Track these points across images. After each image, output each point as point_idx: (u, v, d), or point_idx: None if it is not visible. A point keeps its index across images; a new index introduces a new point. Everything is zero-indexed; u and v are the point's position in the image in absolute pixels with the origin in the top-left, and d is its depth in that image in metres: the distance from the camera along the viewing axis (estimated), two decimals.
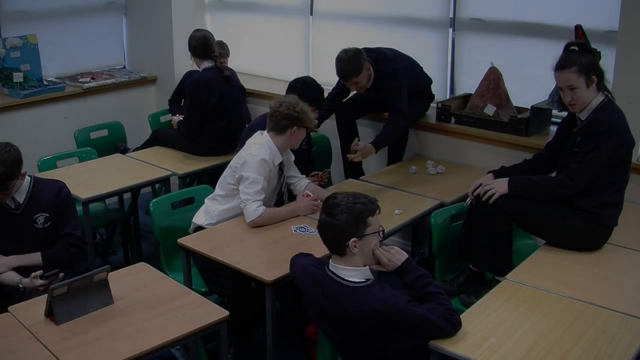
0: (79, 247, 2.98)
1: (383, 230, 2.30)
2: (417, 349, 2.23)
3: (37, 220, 2.88)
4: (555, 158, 2.95)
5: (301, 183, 3.37)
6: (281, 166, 3.24)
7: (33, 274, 2.70)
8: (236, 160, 3.16)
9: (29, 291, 2.69)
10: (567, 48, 2.79)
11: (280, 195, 3.33)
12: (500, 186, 2.84)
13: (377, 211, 2.26)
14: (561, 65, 2.72)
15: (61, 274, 2.70)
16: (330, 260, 2.30)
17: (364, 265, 2.26)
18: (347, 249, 2.21)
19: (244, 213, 3.07)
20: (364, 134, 4.24)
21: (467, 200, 2.94)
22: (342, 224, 2.18)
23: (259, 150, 3.12)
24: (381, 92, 3.81)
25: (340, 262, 2.25)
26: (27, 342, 2.18)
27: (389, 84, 3.74)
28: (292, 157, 3.37)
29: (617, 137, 2.69)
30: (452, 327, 2.18)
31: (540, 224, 2.84)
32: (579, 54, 2.72)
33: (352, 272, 2.23)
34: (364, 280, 2.23)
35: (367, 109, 4.11)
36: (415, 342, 2.18)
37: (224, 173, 3.24)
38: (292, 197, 3.39)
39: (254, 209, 3.01)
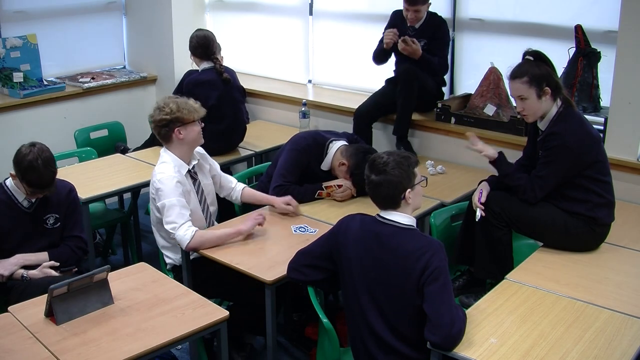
0: (84, 249, 3.04)
1: (426, 179, 2.44)
2: None
3: (47, 221, 2.92)
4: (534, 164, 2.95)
5: (237, 188, 3.25)
6: (192, 174, 3.08)
7: (45, 264, 2.76)
8: (151, 190, 3.01)
9: (31, 285, 2.71)
10: (523, 57, 2.77)
11: (204, 205, 3.13)
12: (488, 148, 2.96)
13: (418, 162, 2.42)
14: (513, 75, 2.72)
15: (74, 269, 2.79)
16: (379, 212, 2.38)
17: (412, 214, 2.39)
18: (402, 200, 2.32)
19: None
20: (376, 137, 4.23)
21: (478, 213, 2.88)
22: (397, 178, 2.30)
23: (162, 169, 2.96)
24: (427, 37, 3.95)
25: (392, 211, 2.34)
26: (27, 342, 2.18)
27: (439, 32, 3.94)
28: (211, 166, 3.23)
29: (574, 146, 2.67)
30: (456, 320, 2.15)
31: (540, 227, 2.82)
32: (532, 64, 2.71)
33: (405, 218, 2.34)
34: (415, 227, 2.35)
35: (382, 111, 4.11)
36: (420, 306, 2.19)
37: (151, 207, 3.08)
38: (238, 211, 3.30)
39: (182, 234, 2.81)
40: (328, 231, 2.52)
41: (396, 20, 4.03)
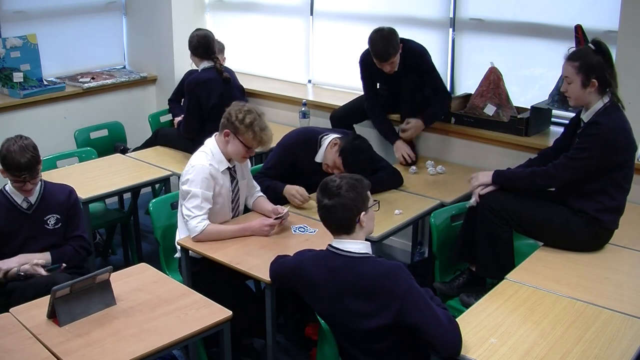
0: (87, 249, 3.06)
1: (378, 202, 2.41)
2: (416, 350, 2.24)
3: (48, 222, 2.94)
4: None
5: (255, 195, 3.28)
6: (231, 172, 3.10)
7: (35, 260, 2.76)
8: (183, 171, 3.06)
9: (29, 286, 2.70)
10: (590, 41, 2.76)
11: (236, 204, 3.18)
12: (483, 177, 2.90)
13: (370, 185, 2.36)
14: (569, 56, 2.74)
15: (63, 265, 2.80)
16: (331, 242, 2.34)
17: (366, 240, 2.34)
18: (357, 225, 2.27)
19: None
20: (363, 135, 4.24)
21: (472, 200, 2.92)
22: (352, 201, 2.25)
23: (198, 159, 3.01)
24: (413, 71, 3.83)
25: (345, 239, 2.30)
26: (30, 344, 2.18)
27: (422, 62, 3.82)
28: (247, 168, 3.26)
29: (612, 140, 2.67)
30: (452, 328, 2.13)
31: (540, 226, 2.83)
32: (590, 53, 2.70)
33: (358, 244, 2.29)
34: (370, 253, 2.30)
35: (363, 116, 4.12)
36: (405, 327, 2.15)
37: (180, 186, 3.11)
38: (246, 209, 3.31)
39: (194, 225, 2.89)
40: (283, 264, 2.50)
41: (368, 69, 3.89)
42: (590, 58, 2.68)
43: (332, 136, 3.42)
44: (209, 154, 3.03)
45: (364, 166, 3.22)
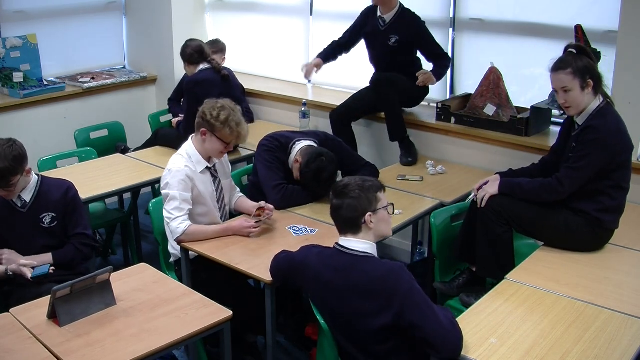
0: (91, 246, 2.99)
1: (392, 205, 2.39)
2: (415, 351, 2.24)
3: (44, 220, 2.88)
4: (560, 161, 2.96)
5: (236, 196, 3.30)
6: (212, 172, 3.12)
7: (21, 261, 2.68)
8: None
9: (31, 291, 2.65)
10: (565, 50, 2.79)
11: (222, 204, 3.17)
12: (491, 187, 2.89)
13: (384, 189, 2.37)
14: (556, 67, 2.72)
15: (51, 268, 2.70)
16: (338, 240, 2.35)
17: (375, 242, 2.34)
18: (363, 225, 2.28)
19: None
20: (360, 135, 4.25)
21: (471, 196, 2.94)
22: (356, 200, 2.27)
23: (175, 160, 3.04)
24: (399, 34, 3.93)
25: (351, 238, 2.31)
26: (30, 344, 2.18)
27: (416, 28, 3.91)
28: (229, 167, 3.27)
29: (610, 144, 2.67)
30: (454, 329, 2.14)
31: (540, 226, 2.83)
32: (575, 57, 2.71)
33: (364, 244, 2.29)
34: (373, 253, 2.30)
35: (361, 112, 4.12)
36: (405, 328, 2.15)
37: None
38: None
39: (176, 227, 2.90)
40: (290, 257, 2.49)
41: (363, 17, 4.15)
42: (579, 61, 2.69)
43: (303, 143, 3.35)
44: (185, 157, 3.05)
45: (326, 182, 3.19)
